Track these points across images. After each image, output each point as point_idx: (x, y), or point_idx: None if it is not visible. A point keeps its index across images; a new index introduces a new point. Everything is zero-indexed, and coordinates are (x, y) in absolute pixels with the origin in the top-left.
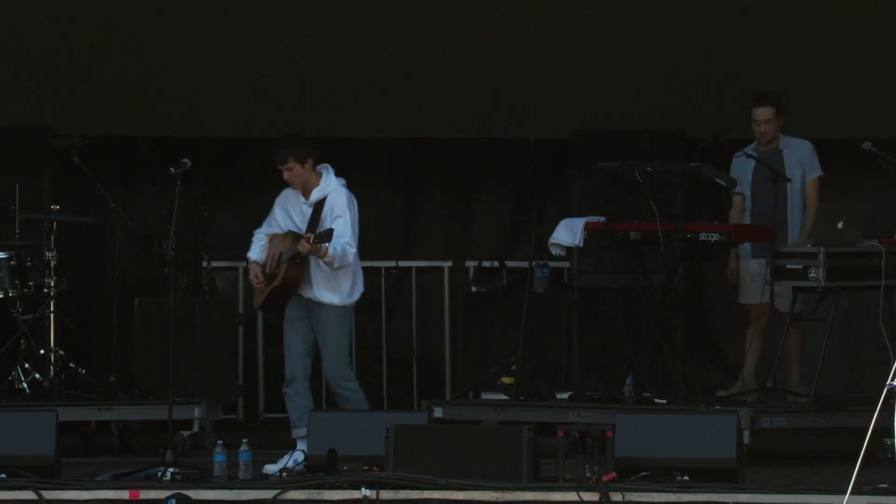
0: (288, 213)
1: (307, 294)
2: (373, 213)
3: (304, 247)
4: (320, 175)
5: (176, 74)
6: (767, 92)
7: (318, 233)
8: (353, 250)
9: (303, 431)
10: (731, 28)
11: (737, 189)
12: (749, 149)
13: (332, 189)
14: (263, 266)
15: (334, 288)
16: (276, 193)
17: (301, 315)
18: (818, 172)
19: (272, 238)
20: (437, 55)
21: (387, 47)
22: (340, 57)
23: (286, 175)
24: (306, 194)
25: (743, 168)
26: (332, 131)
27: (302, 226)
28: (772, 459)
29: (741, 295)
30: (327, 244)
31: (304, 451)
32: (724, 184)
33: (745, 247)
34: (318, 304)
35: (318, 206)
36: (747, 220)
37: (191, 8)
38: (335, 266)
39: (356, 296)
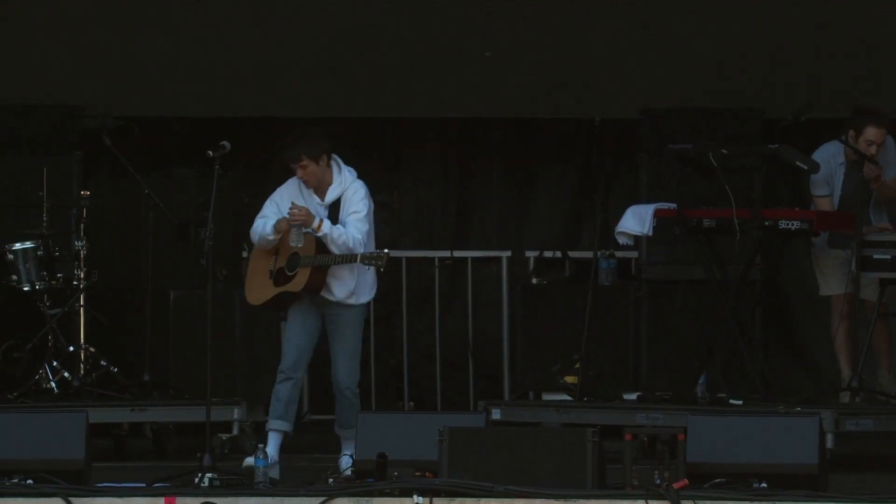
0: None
1: (326, 296)
2: (425, 200)
3: (298, 216)
4: (331, 170)
5: (214, 51)
6: (881, 110)
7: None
8: (361, 247)
9: (286, 426)
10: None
11: (824, 191)
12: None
13: (348, 184)
14: (274, 251)
15: (355, 288)
16: None
17: (311, 309)
18: None
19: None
20: (494, 30)
21: (439, 24)
22: (391, 34)
23: (300, 174)
24: (321, 193)
25: (831, 160)
26: (381, 111)
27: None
28: (857, 465)
29: (822, 286)
30: (323, 219)
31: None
32: (805, 167)
33: (822, 238)
34: (338, 304)
35: (334, 204)
36: None
37: None
38: (331, 249)
39: (373, 294)
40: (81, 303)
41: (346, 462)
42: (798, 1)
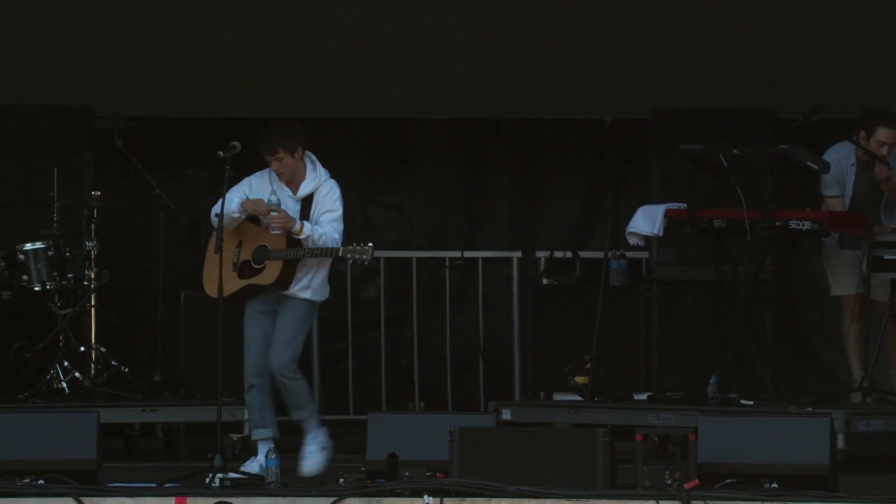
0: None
1: (276, 290)
2: (435, 201)
3: (278, 221)
4: (305, 165)
5: (224, 52)
6: (892, 111)
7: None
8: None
9: (268, 432)
10: None
11: (835, 192)
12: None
13: (322, 182)
14: (239, 244)
15: (309, 284)
16: (337, 179)
17: (267, 308)
18: None
19: (242, 223)
20: (504, 30)
21: (449, 24)
22: (401, 35)
23: (276, 166)
24: (293, 187)
25: (842, 160)
26: (390, 112)
27: None
28: (868, 466)
29: (833, 286)
30: (303, 222)
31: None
32: (815, 167)
33: (832, 237)
34: (289, 297)
35: (307, 200)
36: None
37: None
38: (307, 246)
39: (326, 294)
40: (92, 303)
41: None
42: (809, 1)
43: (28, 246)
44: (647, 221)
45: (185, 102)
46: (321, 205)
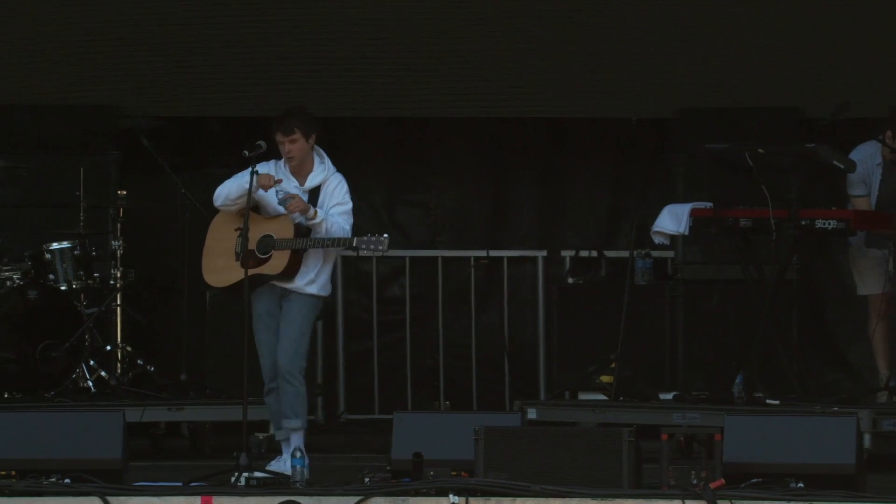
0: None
1: (281, 283)
2: (460, 200)
3: (295, 205)
4: (314, 157)
5: (250, 51)
6: None
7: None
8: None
9: (297, 423)
10: None
11: (861, 191)
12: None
13: (330, 174)
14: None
15: (315, 279)
16: (363, 179)
17: (273, 309)
18: None
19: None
20: (529, 30)
21: (474, 24)
22: (426, 34)
23: (288, 147)
24: (300, 178)
25: (868, 160)
26: (415, 111)
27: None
28: (895, 465)
29: (860, 286)
30: (317, 209)
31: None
32: (842, 166)
33: (858, 236)
34: (295, 292)
35: (314, 191)
36: None
37: None
38: (318, 234)
39: (330, 290)
40: (118, 302)
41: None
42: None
43: (54, 245)
44: (672, 220)
45: (210, 102)
46: (331, 198)
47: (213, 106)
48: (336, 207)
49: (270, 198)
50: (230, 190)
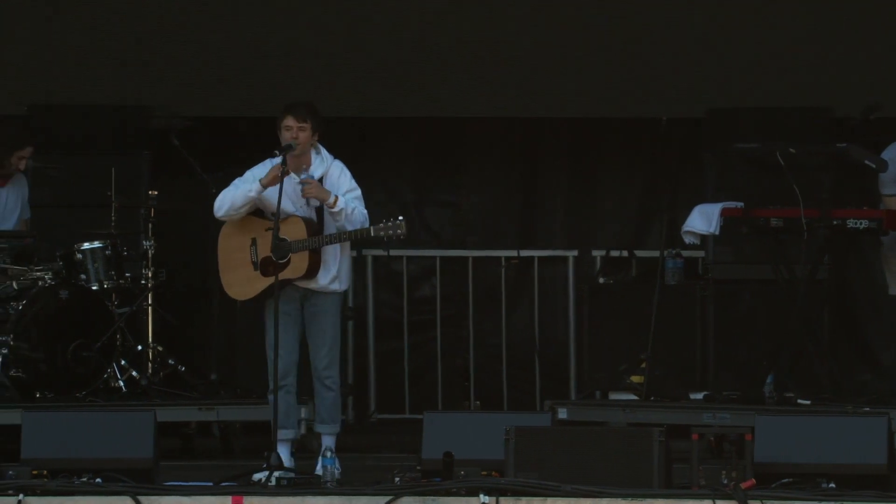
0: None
1: (304, 283)
2: (490, 199)
3: (313, 190)
4: (311, 154)
5: (280, 52)
6: None
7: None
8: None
9: (290, 434)
10: None
11: (893, 190)
12: None
13: (329, 163)
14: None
15: (338, 273)
16: (393, 178)
17: (291, 309)
18: None
19: (247, 220)
20: (560, 29)
21: (504, 24)
22: (457, 34)
23: (294, 134)
24: (297, 170)
25: None
26: (446, 110)
27: (297, 207)
28: None
29: (892, 285)
30: (337, 195)
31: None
32: (873, 165)
33: (891, 237)
34: (319, 293)
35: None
36: None
37: None
38: (339, 222)
39: (351, 277)
40: (149, 302)
41: (323, 466)
42: None
43: (86, 245)
44: (703, 220)
45: (241, 102)
46: (338, 186)
47: (244, 107)
48: (349, 193)
49: (273, 198)
50: (234, 198)
